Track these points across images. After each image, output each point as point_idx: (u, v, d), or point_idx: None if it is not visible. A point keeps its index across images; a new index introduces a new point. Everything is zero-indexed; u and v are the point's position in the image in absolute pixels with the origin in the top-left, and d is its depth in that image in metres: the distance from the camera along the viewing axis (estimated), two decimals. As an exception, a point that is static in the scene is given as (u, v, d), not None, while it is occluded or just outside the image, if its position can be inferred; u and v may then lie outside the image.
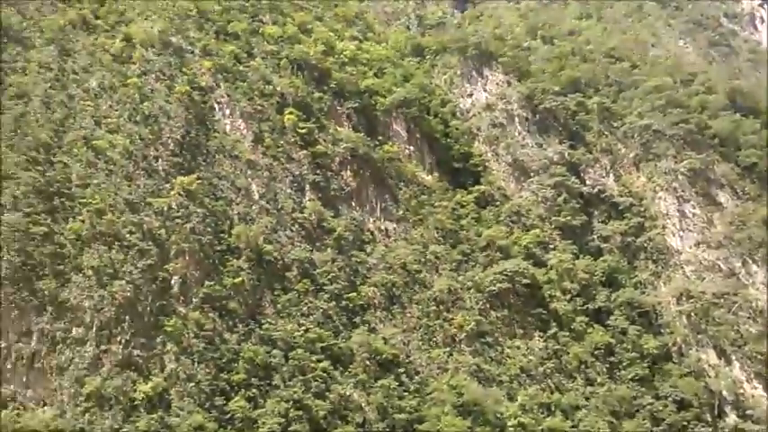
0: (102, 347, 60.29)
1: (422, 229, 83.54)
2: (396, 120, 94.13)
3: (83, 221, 65.10)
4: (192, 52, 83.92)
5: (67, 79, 73.56)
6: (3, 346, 58.47)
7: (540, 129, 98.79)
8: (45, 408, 57.34)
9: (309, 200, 78.89)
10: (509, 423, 68.35)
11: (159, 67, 79.33)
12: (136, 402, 58.49)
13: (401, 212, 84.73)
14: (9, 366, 58.24)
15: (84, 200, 66.44)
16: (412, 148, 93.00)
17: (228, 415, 60.31)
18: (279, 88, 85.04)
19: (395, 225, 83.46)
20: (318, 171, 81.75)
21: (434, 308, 76.09)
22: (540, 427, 69.18)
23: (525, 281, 79.99)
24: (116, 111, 73.64)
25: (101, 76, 75.41)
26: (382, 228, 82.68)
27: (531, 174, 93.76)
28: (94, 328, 61.01)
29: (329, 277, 73.20)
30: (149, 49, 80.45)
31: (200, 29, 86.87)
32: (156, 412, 58.47)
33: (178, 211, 69.19)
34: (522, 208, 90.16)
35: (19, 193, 63.92)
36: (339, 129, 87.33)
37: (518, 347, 75.77)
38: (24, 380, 58.41)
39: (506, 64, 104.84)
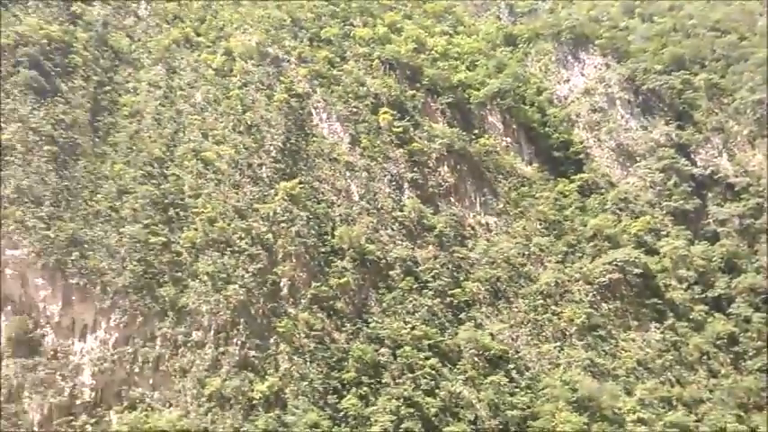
0: (220, 349, 63.22)
1: (524, 221, 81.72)
2: (491, 112, 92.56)
3: (196, 230, 68.64)
4: (288, 60, 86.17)
5: (175, 96, 77.57)
6: (130, 351, 62.49)
7: (643, 110, 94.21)
8: (171, 408, 60.71)
9: (408, 198, 79.02)
10: (628, 419, 65.66)
11: (258, 77, 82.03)
12: (254, 402, 60.90)
13: (501, 206, 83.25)
14: (137, 370, 62.17)
15: (197, 209, 70.05)
16: (509, 139, 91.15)
17: (342, 413, 61.55)
18: (372, 89, 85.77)
19: (496, 219, 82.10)
20: (416, 169, 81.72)
21: (542, 301, 74.23)
22: (662, 422, 65.94)
23: (637, 270, 76.43)
24: (221, 122, 76.92)
25: (205, 90, 79.00)
26: (483, 222, 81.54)
27: (638, 158, 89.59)
28: (212, 331, 64.10)
29: (432, 274, 73.04)
30: (248, 60, 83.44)
31: (295, 37, 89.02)
32: (273, 411, 60.65)
33: (283, 216, 71.31)
34: (629, 194, 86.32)
35: (138, 206, 68.23)
36: (434, 125, 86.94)
37: (633, 340, 72.57)
38: (151, 382, 62.19)
39: (603, 46, 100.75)
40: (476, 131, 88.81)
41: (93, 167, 70.09)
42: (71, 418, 59.52)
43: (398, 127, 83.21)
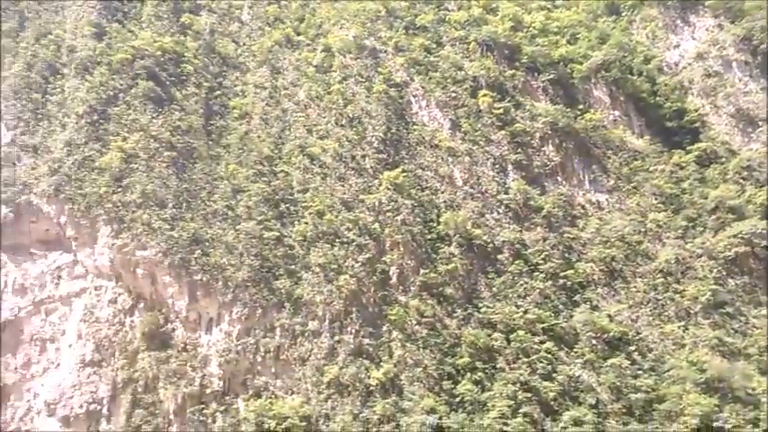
0: (336, 338, 65.05)
1: (637, 197, 78.02)
2: (595, 85, 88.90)
3: (306, 223, 70.89)
4: (385, 51, 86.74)
5: (280, 95, 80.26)
6: (252, 341, 65.57)
7: (763, 72, 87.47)
8: (293, 396, 63.24)
9: (513, 180, 77.62)
10: (763, 399, 61.63)
11: (357, 70, 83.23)
12: (371, 388, 62.26)
13: (612, 182, 79.84)
14: (259, 359, 65.16)
15: (306, 203, 72.30)
16: (617, 112, 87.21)
17: (458, 398, 61.64)
18: (470, 72, 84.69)
19: (607, 196, 78.93)
20: (519, 150, 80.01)
21: (662, 280, 70.67)
22: (802, 403, 61.52)
23: (765, 243, 71.40)
24: (324, 117, 78.77)
25: (307, 87, 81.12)
26: (593, 200, 78.65)
27: (760, 122, 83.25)
28: (327, 321, 66.06)
29: (542, 256, 71.39)
30: (346, 55, 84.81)
31: (390, 27, 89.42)
32: (390, 397, 61.71)
33: (388, 205, 72.12)
34: (752, 162, 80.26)
35: (251, 204, 71.34)
36: (536, 104, 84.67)
37: (765, 316, 67.93)
38: (273, 371, 65.02)
39: (714, 6, 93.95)
40: (581, 107, 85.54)
41: (209, 169, 74.02)
42: (202, 406, 63.49)
43: (499, 108, 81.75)
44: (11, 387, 69.07)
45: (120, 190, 71.07)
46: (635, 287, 70.87)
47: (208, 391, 64.14)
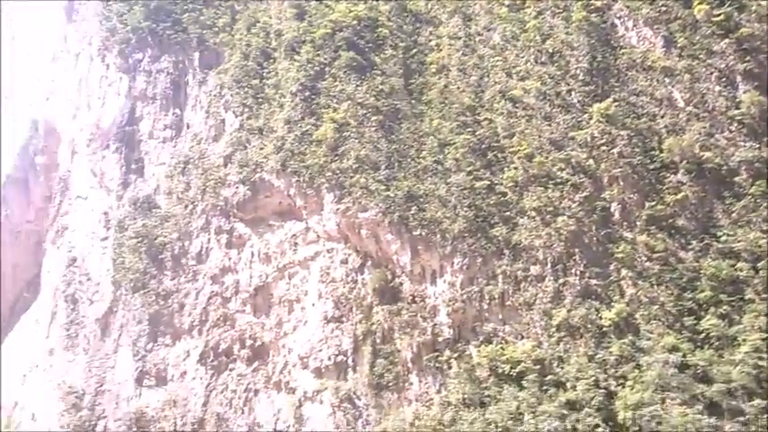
0: (560, 281, 63.90)
1: None
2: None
3: (516, 168, 69.87)
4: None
5: (475, 42, 79.11)
6: (476, 290, 66.81)
7: None
8: (523, 340, 63.61)
9: (744, 92, 69.04)
10: None
11: (553, 2, 78.98)
12: (604, 329, 60.50)
13: None
14: (485, 306, 66.33)
15: (513, 148, 71.12)
16: None
17: (702, 334, 57.68)
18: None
19: None
20: (748, 57, 70.78)
21: None
22: None
23: None
24: (522, 58, 76.24)
25: (502, 29, 78.78)
26: None
27: None
28: (549, 265, 65.04)
29: (791, 173, 63.39)
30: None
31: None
32: (625, 337, 59.55)
33: (601, 139, 68.37)
34: None
35: (459, 156, 71.91)
36: (762, 2, 74.29)
37: None
38: (500, 317, 65.83)
39: None
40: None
41: (415, 127, 75.75)
42: (437, 353, 66.43)
43: (719, 15, 72.73)
44: (268, 345, 77.78)
45: (336, 158, 75.60)
46: None
47: (440, 339, 66.83)
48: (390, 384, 68.14)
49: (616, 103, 69.52)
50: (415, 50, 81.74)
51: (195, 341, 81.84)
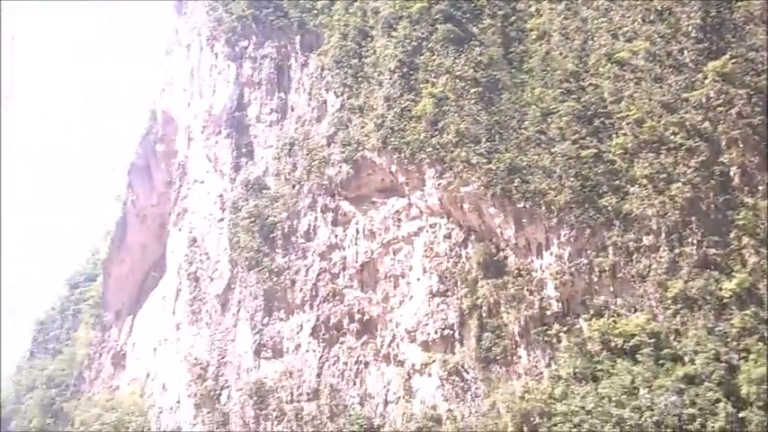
0: (676, 251, 61.00)
1: None
2: None
3: (625, 134, 66.94)
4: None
5: (577, 5, 75.77)
6: (585, 262, 65.10)
7: None
8: (637, 313, 61.53)
9: None
10: None
11: (660, -45, 74.58)
12: (724, 300, 57.47)
13: None
14: (595, 279, 64.54)
15: (621, 113, 68.14)
16: None
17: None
18: None
19: None
20: None
21: None
22: None
23: None
24: (628, 17, 72.41)
25: (607, -12, 75.32)
26: None
27: None
28: (663, 234, 62.19)
29: None
30: (645, -59, 76.36)
31: None
32: (747, 308, 56.38)
33: (718, 99, 64.12)
34: None
35: (563, 124, 69.79)
36: None
37: None
38: (611, 290, 63.89)
39: None
40: None
41: (515, 98, 74.10)
42: (545, 327, 65.45)
43: None
44: (376, 319, 79.62)
45: (437, 133, 75.45)
46: None
47: (548, 312, 65.80)
48: (498, 358, 68.03)
49: (733, 61, 64.84)
50: (513, 18, 79.67)
51: (307, 315, 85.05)
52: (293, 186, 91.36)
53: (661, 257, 61.36)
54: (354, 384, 78.76)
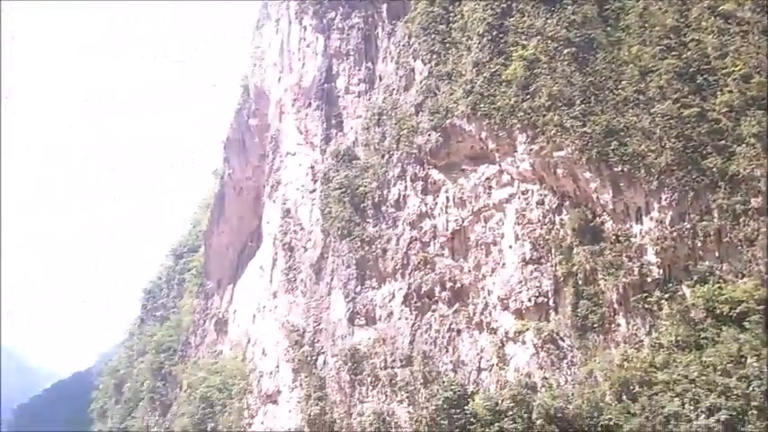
0: (793, 213, 57.49)
1: None
2: None
3: (731, 92, 63.08)
4: None
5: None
6: (688, 226, 62.41)
7: None
8: (744, 279, 58.56)
9: None
10: None
11: None
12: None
13: None
14: (699, 244, 61.89)
15: (726, 69, 64.15)
16: None
17: None
18: None
19: None
20: None
21: None
22: None
23: None
24: (734, -34, 67.78)
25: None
26: None
27: None
28: (774, 196, 58.65)
29: None
30: None
31: None
32: None
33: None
34: None
35: (663, 83, 66.45)
36: None
37: None
38: (717, 255, 61.04)
39: None
40: None
41: (611, 57, 70.99)
42: (645, 294, 63.35)
43: None
44: (468, 287, 79.57)
45: (528, 97, 73.67)
46: None
47: (648, 279, 63.60)
48: (595, 326, 66.59)
49: None
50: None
51: (399, 284, 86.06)
52: (382, 156, 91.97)
53: (773, 220, 57.91)
54: (447, 351, 79.31)
